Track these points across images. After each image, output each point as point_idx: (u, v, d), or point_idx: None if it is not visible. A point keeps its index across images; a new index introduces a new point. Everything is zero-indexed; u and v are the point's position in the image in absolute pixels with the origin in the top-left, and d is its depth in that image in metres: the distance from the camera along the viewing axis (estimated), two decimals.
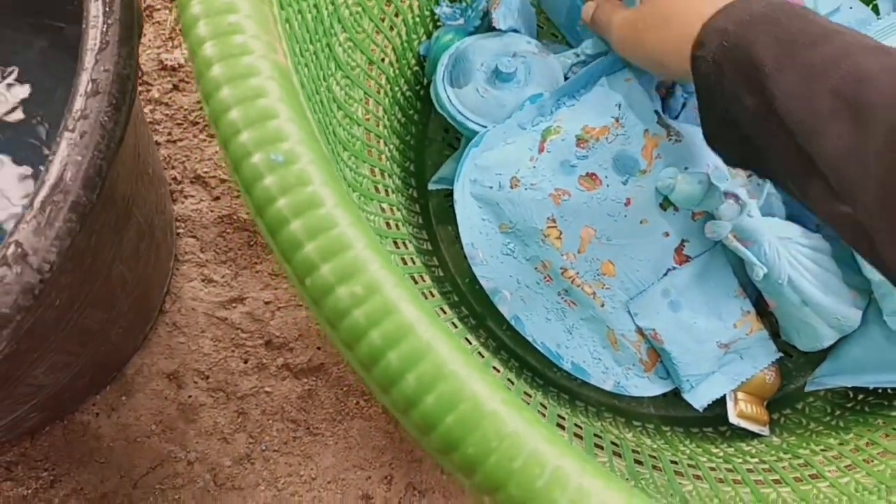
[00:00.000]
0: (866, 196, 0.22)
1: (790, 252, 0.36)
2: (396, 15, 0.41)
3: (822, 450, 0.36)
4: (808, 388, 0.40)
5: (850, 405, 0.40)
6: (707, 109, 0.30)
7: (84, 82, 0.23)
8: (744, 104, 0.26)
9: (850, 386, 0.38)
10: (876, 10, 0.44)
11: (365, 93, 0.39)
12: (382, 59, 0.41)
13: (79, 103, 0.22)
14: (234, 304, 0.46)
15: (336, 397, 0.44)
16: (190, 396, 0.43)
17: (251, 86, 0.17)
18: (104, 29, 0.24)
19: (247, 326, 0.45)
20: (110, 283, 0.32)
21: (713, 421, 0.40)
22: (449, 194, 0.42)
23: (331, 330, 0.16)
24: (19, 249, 0.20)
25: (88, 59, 0.23)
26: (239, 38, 0.18)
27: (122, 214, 0.30)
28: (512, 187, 0.37)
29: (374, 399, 0.45)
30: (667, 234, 0.38)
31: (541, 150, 0.38)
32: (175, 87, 0.50)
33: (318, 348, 0.46)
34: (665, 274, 0.38)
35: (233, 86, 0.17)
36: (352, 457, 0.43)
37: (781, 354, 0.39)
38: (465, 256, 0.38)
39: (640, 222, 0.38)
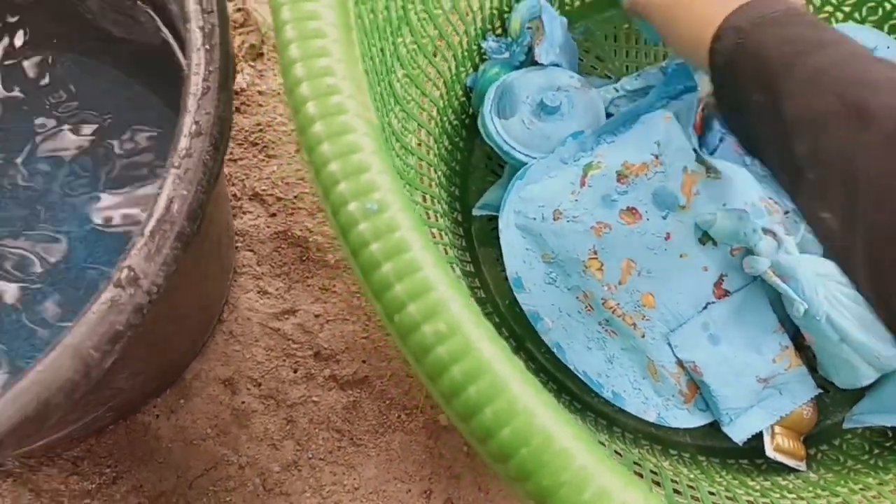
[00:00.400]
0: (854, 197, 0.23)
1: (828, 289, 0.37)
2: (448, 49, 0.44)
3: (860, 489, 0.36)
4: (845, 426, 0.40)
5: (889, 444, 0.39)
6: (721, 98, 0.32)
7: (188, 124, 0.25)
8: (752, 99, 0.28)
9: (889, 425, 0.38)
10: None
11: (418, 124, 0.41)
12: (434, 92, 0.43)
13: (183, 143, 0.25)
14: (286, 316, 0.48)
15: (379, 410, 0.46)
16: (243, 402, 0.46)
17: (347, 142, 0.20)
18: (205, 75, 0.26)
19: (297, 337, 0.48)
20: (185, 299, 0.35)
21: (749, 453, 0.40)
22: (491, 218, 0.44)
23: (416, 363, 0.18)
24: (132, 273, 0.23)
25: (191, 104, 0.26)
26: (336, 99, 0.20)
27: (201, 236, 0.33)
28: (555, 219, 0.39)
29: (415, 413, 0.47)
30: (706, 269, 0.39)
31: (582, 184, 0.39)
32: (237, 110, 0.54)
33: (364, 361, 0.48)
34: (704, 307, 0.39)
35: (331, 142, 0.20)
36: (393, 469, 0.45)
37: (821, 391, 0.40)
38: (507, 279, 0.40)
39: (680, 256, 0.39)
